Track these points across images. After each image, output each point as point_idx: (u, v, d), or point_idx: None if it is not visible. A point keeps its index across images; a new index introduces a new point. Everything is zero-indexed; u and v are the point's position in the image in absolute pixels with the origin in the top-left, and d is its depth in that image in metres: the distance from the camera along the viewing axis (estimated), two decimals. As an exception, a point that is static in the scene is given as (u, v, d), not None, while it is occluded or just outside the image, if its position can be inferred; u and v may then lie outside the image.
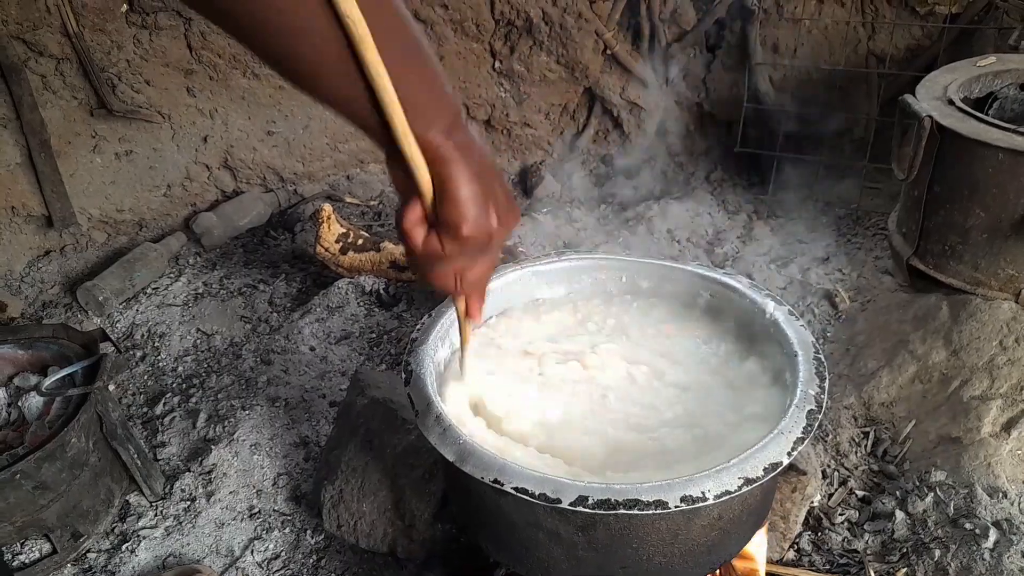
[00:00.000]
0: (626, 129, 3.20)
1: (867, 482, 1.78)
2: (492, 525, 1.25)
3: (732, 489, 1.02)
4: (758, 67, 2.93)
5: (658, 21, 2.98)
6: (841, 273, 2.46)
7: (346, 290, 2.44)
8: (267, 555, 1.69)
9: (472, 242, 0.86)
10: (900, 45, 2.88)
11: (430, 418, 1.16)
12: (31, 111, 2.52)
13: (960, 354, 1.93)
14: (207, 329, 2.42)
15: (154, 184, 2.84)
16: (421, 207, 0.85)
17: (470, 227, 0.84)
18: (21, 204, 2.64)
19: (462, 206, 0.83)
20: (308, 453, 1.91)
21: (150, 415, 2.09)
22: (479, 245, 0.87)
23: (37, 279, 2.66)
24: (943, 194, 2.05)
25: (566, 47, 2.95)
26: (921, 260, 2.17)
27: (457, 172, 0.82)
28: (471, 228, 0.84)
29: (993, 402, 1.79)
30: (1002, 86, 2.22)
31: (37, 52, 2.48)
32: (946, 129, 1.96)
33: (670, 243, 2.69)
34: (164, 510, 1.80)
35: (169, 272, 2.70)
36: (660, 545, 1.12)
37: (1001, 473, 1.68)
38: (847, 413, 1.93)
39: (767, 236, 2.71)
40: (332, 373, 2.19)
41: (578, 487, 1.02)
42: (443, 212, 0.84)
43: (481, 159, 0.85)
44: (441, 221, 0.85)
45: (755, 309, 1.38)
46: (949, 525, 1.62)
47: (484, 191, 0.84)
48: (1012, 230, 1.95)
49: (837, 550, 1.63)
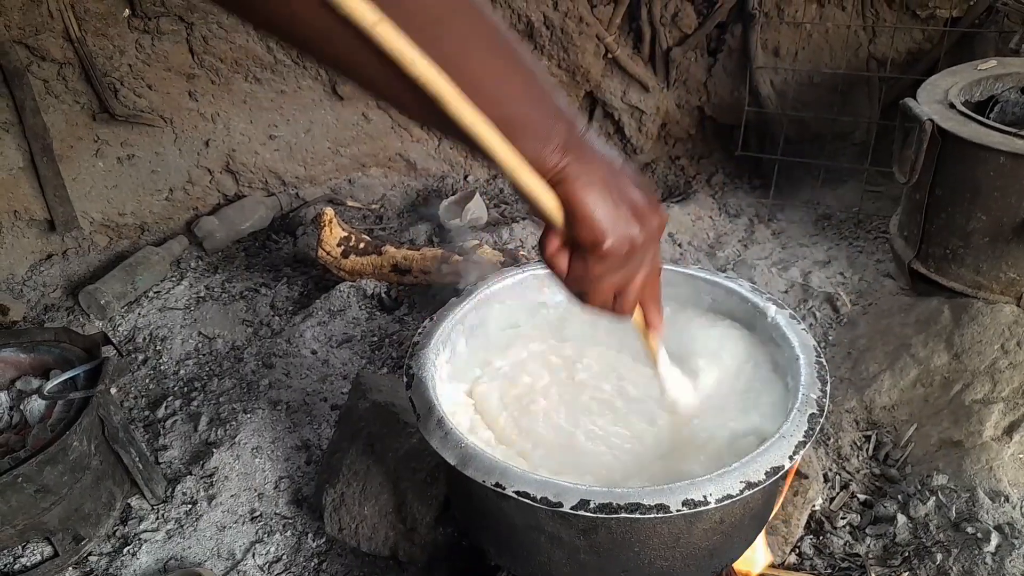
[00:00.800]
0: (627, 133, 3.21)
1: (869, 486, 1.77)
2: (494, 529, 1.25)
3: (734, 493, 1.02)
4: (759, 71, 2.94)
5: (659, 25, 2.99)
6: (843, 277, 2.46)
7: (348, 294, 2.45)
8: (268, 558, 1.69)
9: (616, 257, 0.81)
10: (901, 49, 2.88)
11: (432, 422, 1.16)
12: (34, 115, 2.53)
13: (962, 358, 1.92)
14: (209, 333, 2.42)
15: (156, 188, 2.85)
16: (557, 234, 0.81)
17: (610, 243, 0.80)
18: (24, 208, 2.65)
19: (595, 224, 0.78)
20: (310, 456, 1.91)
21: (152, 418, 2.09)
22: (626, 257, 0.83)
23: (39, 283, 2.66)
24: (944, 197, 2.05)
25: (567, 51, 2.96)
26: (923, 263, 2.17)
27: (581, 190, 0.77)
28: (611, 243, 0.80)
29: (995, 406, 1.79)
30: (1003, 89, 2.22)
31: (40, 57, 2.49)
32: (947, 133, 1.96)
33: (672, 246, 2.69)
34: (165, 513, 1.80)
35: (171, 276, 2.71)
36: (662, 549, 1.12)
37: (1003, 477, 1.68)
38: (849, 417, 1.92)
39: (768, 240, 2.71)
40: (334, 376, 2.19)
41: (580, 491, 1.02)
42: (578, 234, 0.80)
43: (607, 165, 0.80)
44: (579, 243, 0.81)
45: (757, 313, 1.38)
46: (951, 529, 1.61)
47: (616, 200, 0.80)
48: (1013, 234, 1.95)
49: (839, 554, 1.62)
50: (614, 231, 0.79)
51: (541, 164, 0.76)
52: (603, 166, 0.79)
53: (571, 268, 0.83)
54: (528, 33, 2.92)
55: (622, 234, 0.80)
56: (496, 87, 0.71)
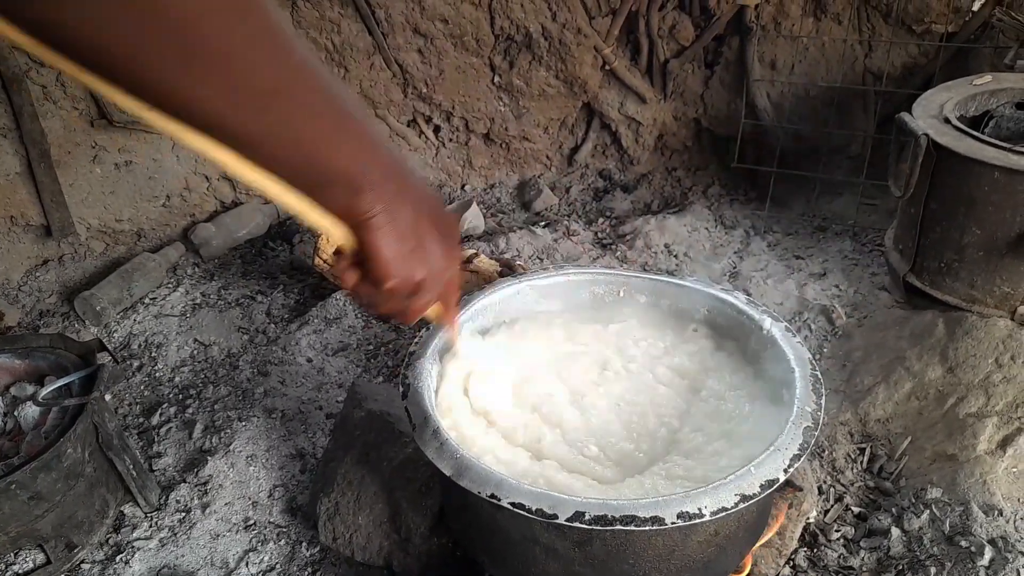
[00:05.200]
0: (624, 144, 3.22)
1: (863, 498, 1.78)
2: (488, 539, 1.25)
3: (729, 506, 1.02)
4: (756, 84, 2.95)
5: (657, 37, 3.00)
6: (838, 289, 2.46)
7: (344, 302, 2.44)
8: (262, 567, 1.69)
9: (399, 293, 0.89)
10: (897, 63, 2.90)
11: (427, 432, 1.16)
12: (32, 121, 2.53)
13: (956, 371, 1.93)
14: (204, 340, 2.41)
15: (153, 194, 2.85)
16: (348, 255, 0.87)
17: (393, 283, 0.87)
18: (20, 213, 2.65)
19: (382, 266, 0.85)
20: (304, 465, 1.91)
21: (146, 425, 2.08)
22: (409, 293, 0.90)
23: (35, 288, 2.66)
24: (939, 211, 2.06)
25: (565, 62, 2.97)
26: (917, 277, 2.18)
27: (377, 235, 0.82)
28: (395, 284, 0.87)
29: (989, 419, 1.80)
30: (998, 105, 2.24)
31: (38, 63, 2.49)
32: (942, 147, 1.97)
33: (667, 258, 2.70)
34: (159, 521, 1.79)
35: (167, 282, 2.71)
36: (656, 561, 1.12)
37: (997, 491, 1.68)
38: (843, 429, 1.93)
39: (764, 252, 2.72)
40: (329, 385, 2.19)
41: (575, 503, 1.02)
42: (368, 269, 0.86)
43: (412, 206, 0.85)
44: (367, 274, 0.87)
45: (752, 325, 1.39)
46: (945, 543, 1.62)
47: (410, 245, 0.86)
48: (1008, 248, 1.96)
49: (833, 567, 1.62)
50: (399, 274, 0.86)
51: (349, 212, 0.80)
52: (408, 209, 0.84)
53: (360, 286, 0.89)
54: (527, 44, 2.93)
55: (406, 277, 0.87)
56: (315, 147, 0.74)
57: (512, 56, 2.99)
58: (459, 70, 2.99)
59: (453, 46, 2.93)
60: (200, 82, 0.63)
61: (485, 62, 3.02)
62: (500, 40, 2.96)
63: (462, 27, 2.89)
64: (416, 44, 2.90)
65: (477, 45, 2.95)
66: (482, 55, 2.99)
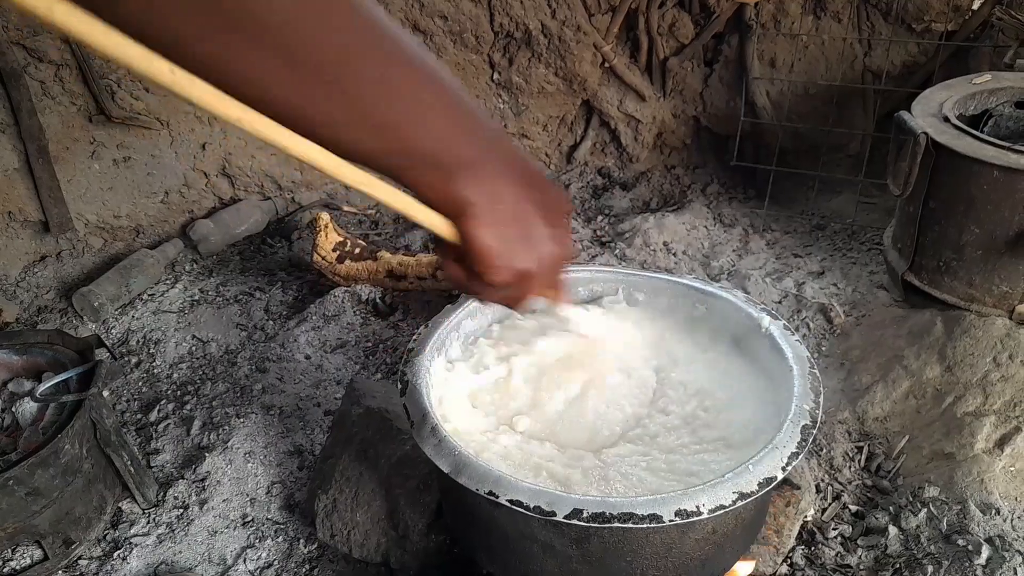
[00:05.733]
0: (623, 142, 3.22)
1: (860, 497, 1.78)
2: (486, 537, 1.25)
3: (726, 503, 1.02)
4: (755, 82, 2.95)
5: (656, 35, 3.00)
6: (836, 287, 2.46)
7: (342, 299, 2.44)
8: (260, 564, 1.69)
9: (504, 285, 0.84)
10: (896, 62, 2.90)
11: (425, 429, 1.16)
12: (30, 116, 2.53)
13: (954, 370, 1.93)
14: (203, 336, 2.41)
15: (152, 191, 2.84)
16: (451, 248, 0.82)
17: (498, 276, 0.82)
18: (18, 209, 2.64)
19: (487, 260, 0.80)
20: (302, 462, 1.91)
21: (144, 422, 2.08)
22: (515, 284, 0.85)
23: (33, 284, 2.66)
24: (938, 210, 2.06)
25: (564, 60, 2.96)
26: (916, 276, 2.18)
27: (479, 228, 0.77)
28: (500, 277, 0.82)
29: (987, 418, 1.80)
30: (997, 104, 2.23)
31: (37, 58, 2.49)
32: (941, 146, 1.97)
33: (666, 256, 2.70)
34: (157, 517, 1.79)
35: (165, 279, 2.70)
36: (654, 559, 1.12)
37: (994, 490, 1.68)
38: (841, 428, 1.93)
39: (763, 250, 2.72)
40: (327, 382, 2.19)
41: (573, 500, 1.02)
42: (471, 262, 0.81)
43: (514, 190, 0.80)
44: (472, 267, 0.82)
45: (750, 323, 1.39)
46: (942, 541, 1.62)
47: (514, 235, 0.81)
48: (1006, 247, 1.96)
49: (830, 565, 1.63)
50: (505, 266, 0.81)
51: (444, 200, 0.76)
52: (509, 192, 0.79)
53: (467, 278, 0.85)
54: (526, 41, 2.93)
55: (511, 268, 0.82)
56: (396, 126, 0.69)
57: (511, 53, 2.98)
58: (458, 67, 2.99)
59: (452, 43, 2.93)
60: (251, 49, 0.57)
61: (484, 59, 3.01)
62: (499, 37, 2.96)
63: (461, 24, 2.88)
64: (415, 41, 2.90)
65: (476, 42, 2.94)
66: (481, 52, 2.99)
